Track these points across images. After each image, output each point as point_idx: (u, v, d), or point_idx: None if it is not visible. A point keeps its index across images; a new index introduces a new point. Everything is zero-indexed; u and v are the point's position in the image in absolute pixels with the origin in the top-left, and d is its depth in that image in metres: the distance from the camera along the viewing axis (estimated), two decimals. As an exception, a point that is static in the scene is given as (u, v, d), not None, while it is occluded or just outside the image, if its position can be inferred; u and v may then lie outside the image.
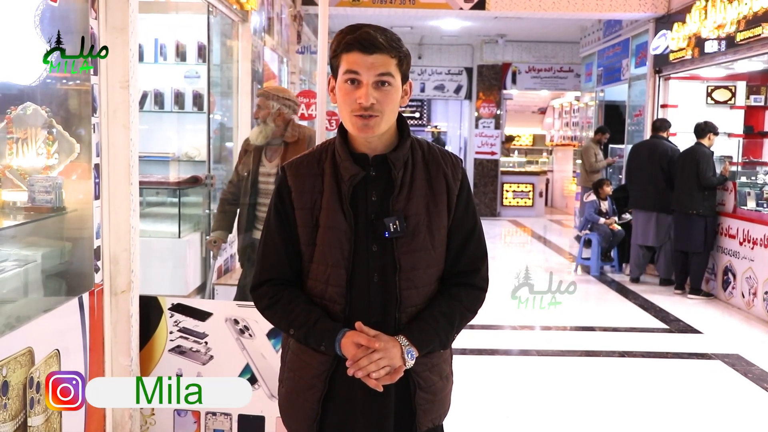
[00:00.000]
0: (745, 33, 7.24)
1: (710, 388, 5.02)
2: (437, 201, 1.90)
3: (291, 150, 4.28)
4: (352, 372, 1.79)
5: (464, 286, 1.94)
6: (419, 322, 1.87)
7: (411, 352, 1.82)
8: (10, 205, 2.86)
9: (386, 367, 1.78)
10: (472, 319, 1.97)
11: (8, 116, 2.80)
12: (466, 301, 1.93)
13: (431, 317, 1.88)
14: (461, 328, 1.94)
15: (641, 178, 8.21)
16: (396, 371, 1.80)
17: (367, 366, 1.77)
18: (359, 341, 1.79)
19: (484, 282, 1.98)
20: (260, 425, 3.16)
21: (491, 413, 4.39)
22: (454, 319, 1.90)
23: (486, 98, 15.00)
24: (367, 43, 1.79)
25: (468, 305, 1.94)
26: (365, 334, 1.80)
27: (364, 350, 1.78)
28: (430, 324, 1.87)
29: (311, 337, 1.85)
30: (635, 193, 8.36)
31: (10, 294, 2.71)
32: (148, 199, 5.63)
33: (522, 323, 6.37)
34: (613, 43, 11.27)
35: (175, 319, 3.21)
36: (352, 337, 1.81)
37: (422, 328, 1.86)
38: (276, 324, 1.98)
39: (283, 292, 1.92)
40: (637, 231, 8.29)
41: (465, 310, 1.93)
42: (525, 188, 15.20)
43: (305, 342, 1.88)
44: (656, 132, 8.29)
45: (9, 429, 2.35)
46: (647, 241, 8.18)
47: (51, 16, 2.68)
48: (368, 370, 1.77)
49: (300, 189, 1.90)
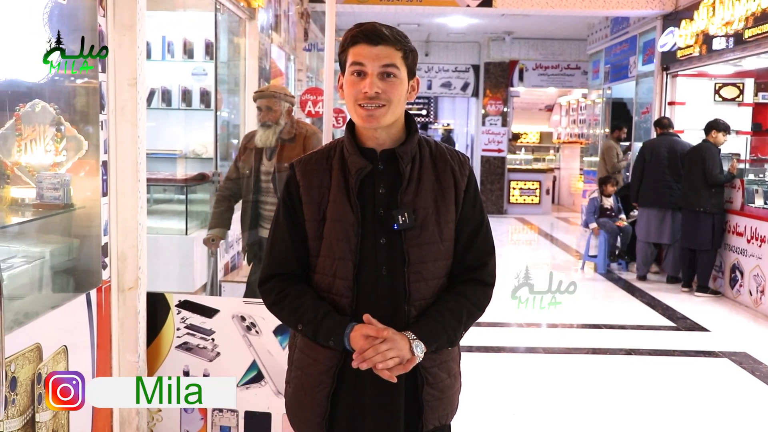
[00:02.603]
0: (754, 30, 7.21)
1: (717, 386, 5.01)
2: (445, 195, 1.91)
3: (288, 147, 4.25)
4: (357, 363, 1.78)
5: (471, 282, 1.94)
6: (426, 318, 1.87)
7: (419, 345, 1.81)
8: (19, 201, 2.87)
9: (395, 358, 1.78)
10: (479, 316, 1.97)
11: (17, 113, 2.81)
12: (473, 298, 1.93)
13: (438, 313, 1.88)
14: (469, 325, 1.94)
15: (658, 175, 8.05)
16: (409, 361, 1.80)
17: (373, 357, 1.76)
18: (368, 332, 1.80)
19: (491, 277, 1.98)
20: (267, 422, 3.16)
21: (498, 411, 4.39)
22: (462, 316, 1.90)
23: (493, 95, 14.98)
24: (372, 35, 1.83)
25: (475, 302, 1.93)
26: (374, 326, 1.81)
27: (372, 341, 1.78)
28: (437, 320, 1.87)
29: (319, 332, 1.86)
30: (650, 191, 8.15)
31: (19, 290, 2.72)
32: (156, 196, 5.64)
33: (528, 321, 6.36)
34: (621, 40, 11.23)
35: (182, 315, 3.22)
36: (360, 330, 1.81)
37: (429, 324, 1.86)
38: (284, 320, 1.98)
39: (290, 287, 1.93)
40: (650, 229, 8.18)
41: (472, 306, 1.93)
42: (532, 186, 15.17)
43: (313, 338, 1.88)
44: (665, 129, 8.25)
45: (17, 424, 2.36)
46: (662, 238, 8.10)
47: (59, 13, 2.69)
48: (374, 361, 1.76)
49: (308, 184, 1.92)
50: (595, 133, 12.77)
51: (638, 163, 8.38)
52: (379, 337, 1.78)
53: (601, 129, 12.16)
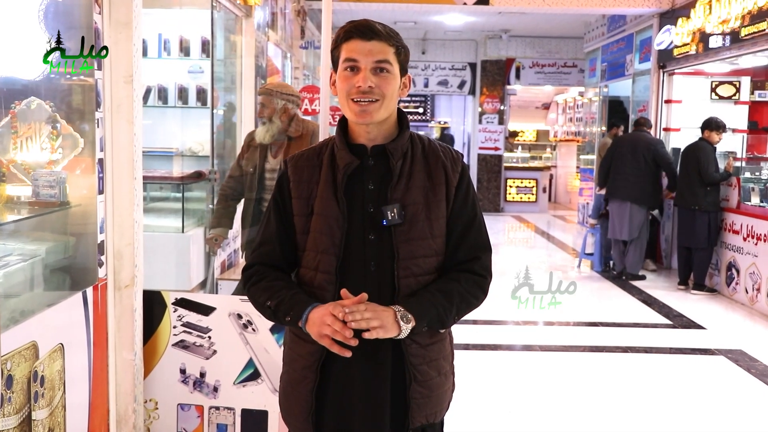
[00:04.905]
0: (750, 28, 7.22)
1: (713, 383, 5.02)
2: (436, 191, 1.91)
3: (294, 145, 4.27)
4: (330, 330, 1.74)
5: (464, 272, 1.93)
6: (415, 296, 1.85)
7: (406, 317, 1.79)
8: (15, 199, 2.86)
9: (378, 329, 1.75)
10: (475, 306, 1.95)
11: (12, 111, 2.80)
12: (465, 284, 1.91)
13: (427, 292, 1.87)
14: (462, 311, 1.91)
15: (620, 168, 8.24)
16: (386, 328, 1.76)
17: (353, 317, 1.73)
18: (343, 304, 1.76)
19: (484, 270, 1.96)
20: (263, 420, 3.17)
21: (494, 408, 4.40)
22: (453, 297, 1.88)
23: (490, 94, 14.98)
24: (366, 30, 1.84)
25: (467, 288, 1.91)
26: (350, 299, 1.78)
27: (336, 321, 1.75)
28: (426, 297, 1.85)
29: (281, 307, 1.85)
30: (612, 184, 8.37)
31: (15, 288, 2.72)
32: (152, 194, 5.64)
33: (525, 318, 6.37)
34: (617, 38, 11.24)
35: (178, 313, 3.22)
36: (326, 308, 1.78)
37: (418, 300, 1.84)
38: (256, 299, 1.95)
39: (272, 272, 1.95)
40: (613, 225, 8.30)
41: (465, 291, 1.90)
42: (528, 184, 15.18)
43: (274, 315, 1.88)
44: (640, 127, 8.38)
45: (13, 422, 2.36)
46: (622, 235, 8.20)
47: (55, 11, 2.68)
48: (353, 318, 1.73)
49: (298, 179, 1.93)
50: (591, 131, 12.78)
51: (605, 159, 8.52)
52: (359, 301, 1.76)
53: (598, 127, 12.17)
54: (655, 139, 8.40)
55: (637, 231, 8.09)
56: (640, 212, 8.09)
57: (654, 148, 8.08)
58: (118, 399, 3.14)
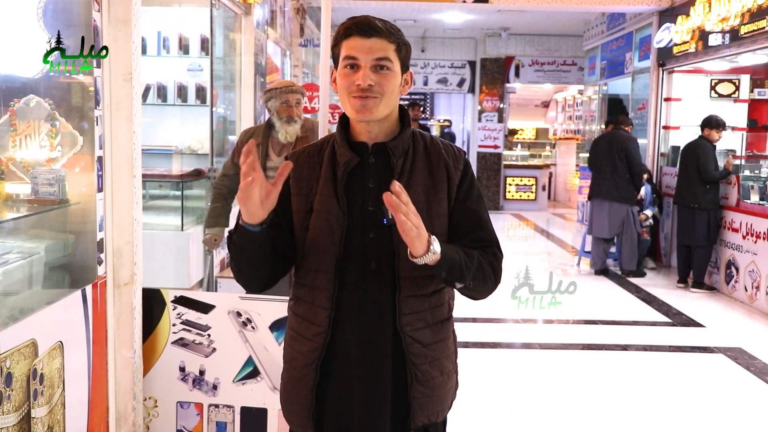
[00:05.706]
0: (749, 26, 7.22)
1: (713, 381, 5.03)
2: (437, 189, 1.90)
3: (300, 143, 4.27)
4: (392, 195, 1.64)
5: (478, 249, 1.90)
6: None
7: (437, 242, 1.72)
8: (14, 197, 2.86)
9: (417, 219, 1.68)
10: (487, 283, 1.89)
11: (11, 109, 2.80)
12: (483, 255, 1.88)
13: (452, 246, 1.82)
14: (477, 278, 1.85)
15: (599, 167, 8.36)
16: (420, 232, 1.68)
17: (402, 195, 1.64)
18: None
19: (495, 258, 1.92)
20: (263, 417, 3.16)
21: (494, 406, 4.40)
22: (473, 257, 1.83)
23: (489, 92, 14.98)
24: (366, 27, 1.83)
25: (486, 258, 1.88)
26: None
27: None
28: (452, 247, 1.81)
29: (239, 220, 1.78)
30: (594, 182, 8.50)
31: (14, 286, 2.72)
32: (151, 191, 5.64)
33: (524, 317, 6.37)
34: (617, 36, 11.24)
35: (177, 311, 3.21)
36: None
37: (446, 245, 1.78)
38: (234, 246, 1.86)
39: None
40: (594, 223, 8.41)
41: (483, 261, 1.86)
42: (528, 182, 15.19)
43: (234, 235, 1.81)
44: (617, 126, 8.43)
45: (13, 420, 2.36)
46: (603, 233, 8.30)
47: (54, 8, 2.68)
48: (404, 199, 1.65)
49: (298, 176, 1.92)
50: (591, 129, 12.78)
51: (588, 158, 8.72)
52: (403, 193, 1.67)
53: (597, 125, 12.16)
54: (629, 137, 8.42)
55: (619, 228, 8.21)
56: (621, 209, 8.20)
57: (625, 145, 8.15)
58: (117, 397, 3.14)
